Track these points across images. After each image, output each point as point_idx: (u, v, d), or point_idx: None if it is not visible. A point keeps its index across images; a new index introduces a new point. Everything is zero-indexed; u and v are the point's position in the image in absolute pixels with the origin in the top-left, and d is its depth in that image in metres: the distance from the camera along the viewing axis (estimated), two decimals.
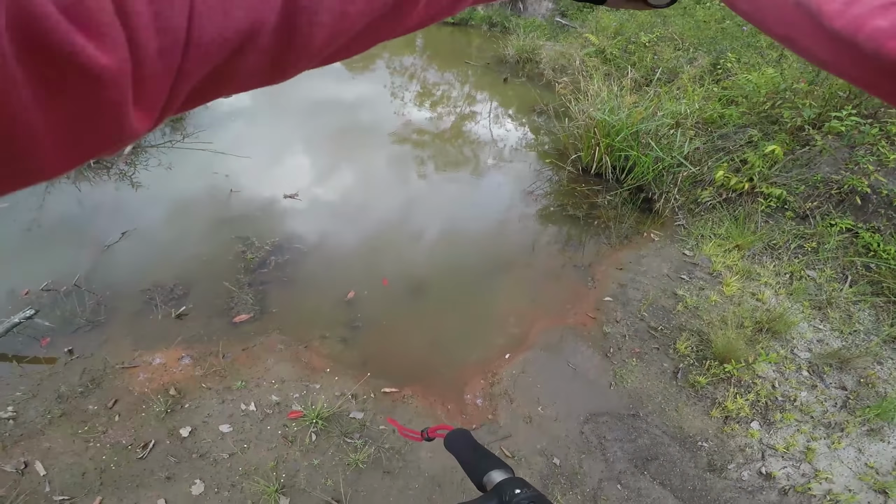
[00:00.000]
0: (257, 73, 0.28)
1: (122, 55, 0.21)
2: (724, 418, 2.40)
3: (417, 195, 4.04)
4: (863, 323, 2.91)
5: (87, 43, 0.19)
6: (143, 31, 0.21)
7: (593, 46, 6.61)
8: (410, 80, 7.84)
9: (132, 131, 0.24)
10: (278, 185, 3.75)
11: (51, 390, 2.15)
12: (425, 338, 2.63)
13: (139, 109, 0.23)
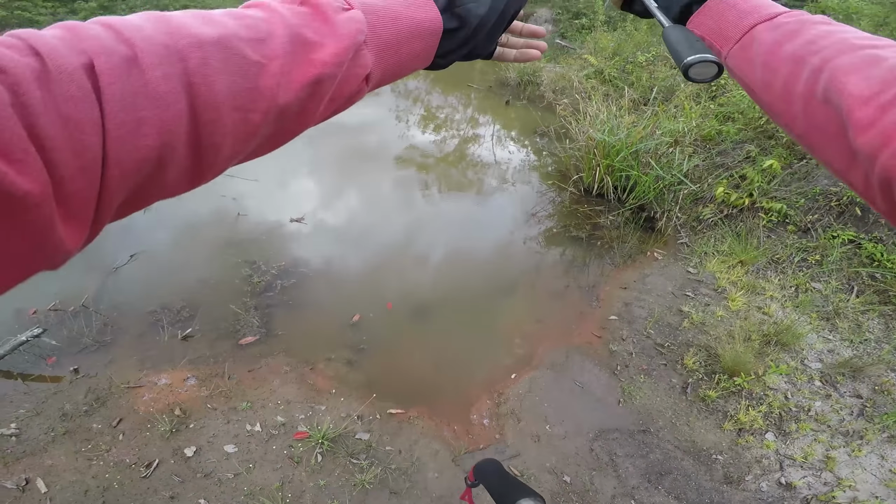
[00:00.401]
0: (180, 182, 0.31)
1: (41, 178, 0.22)
2: (738, 431, 2.40)
3: (421, 218, 4.12)
4: (872, 332, 2.92)
5: (8, 169, 0.21)
6: (58, 152, 0.23)
7: (592, 67, 6.79)
8: (415, 103, 8.03)
9: (63, 247, 0.25)
10: (284, 209, 3.83)
11: (55, 408, 2.19)
12: (431, 359, 2.66)
13: (68, 226, 0.25)
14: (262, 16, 0.34)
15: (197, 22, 0.31)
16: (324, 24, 0.37)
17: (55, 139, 0.23)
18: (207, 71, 0.29)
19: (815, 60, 0.38)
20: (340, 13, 0.38)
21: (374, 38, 0.41)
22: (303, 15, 0.37)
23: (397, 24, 0.43)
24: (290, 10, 0.36)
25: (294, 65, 0.34)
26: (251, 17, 0.33)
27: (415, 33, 0.44)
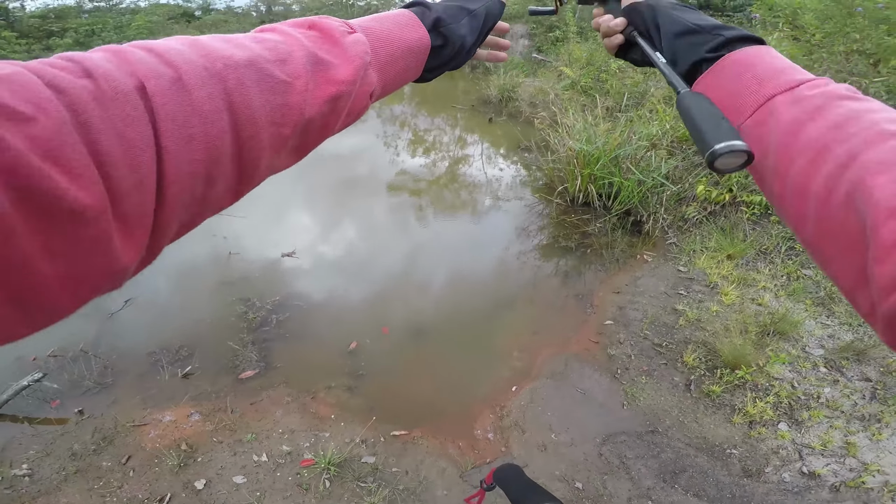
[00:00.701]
0: (226, 196, 0.34)
1: (100, 193, 0.23)
2: (749, 423, 2.42)
3: (412, 242, 4.20)
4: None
5: (70, 185, 0.22)
6: (115, 169, 0.24)
7: (568, 79, 6.98)
8: (402, 127, 8.20)
9: (121, 262, 0.26)
10: (276, 244, 3.91)
11: (64, 448, 2.23)
12: (431, 380, 2.70)
13: (126, 241, 0.26)
14: (279, 39, 0.38)
15: (227, 46, 0.34)
16: (334, 46, 0.41)
17: (113, 156, 0.24)
18: (244, 90, 0.32)
19: (840, 152, 0.33)
20: (346, 36, 0.42)
21: (375, 58, 0.45)
22: (314, 38, 0.40)
23: (393, 45, 0.47)
24: (303, 33, 0.40)
25: (315, 83, 0.38)
26: (271, 41, 0.37)
27: (407, 52, 0.49)
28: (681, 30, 0.50)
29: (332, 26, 0.42)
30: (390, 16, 0.50)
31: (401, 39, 0.48)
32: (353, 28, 0.44)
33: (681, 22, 0.51)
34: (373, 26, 0.47)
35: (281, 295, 3.29)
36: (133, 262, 0.27)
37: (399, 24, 0.49)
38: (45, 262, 0.22)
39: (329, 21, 0.43)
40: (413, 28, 0.50)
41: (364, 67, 0.42)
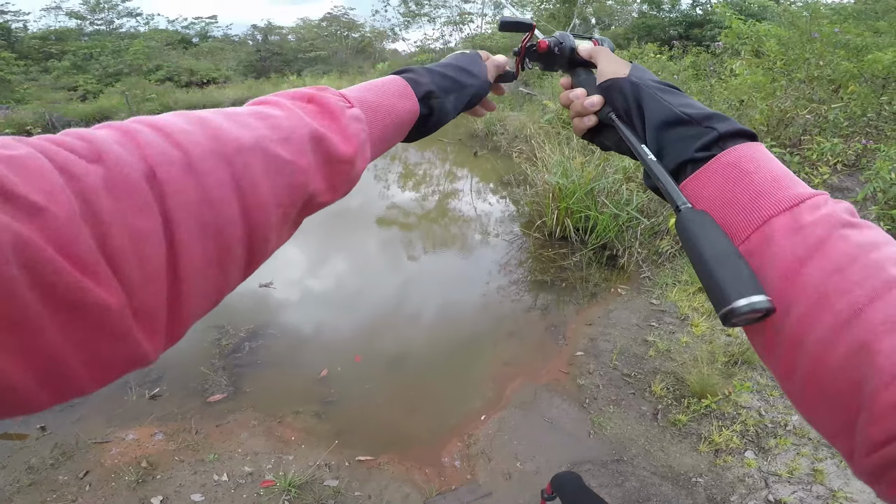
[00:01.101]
0: (238, 277, 0.35)
1: (114, 288, 0.24)
2: (715, 451, 2.45)
3: (389, 275, 4.34)
4: None
5: (89, 282, 0.22)
6: (126, 262, 0.24)
7: (552, 112, 7.23)
8: (392, 161, 8.37)
9: (143, 353, 0.27)
10: (254, 275, 3.98)
11: (20, 462, 2.27)
12: (401, 408, 2.75)
13: (146, 334, 0.26)
14: (281, 114, 0.38)
15: (231, 125, 0.34)
16: (333, 121, 0.42)
17: (123, 249, 0.24)
18: (252, 174, 0.32)
19: (842, 306, 0.30)
20: (346, 112, 0.43)
21: (371, 131, 0.47)
22: (314, 113, 0.41)
23: (387, 119, 0.49)
24: (302, 107, 0.41)
25: (318, 161, 0.39)
26: (273, 117, 0.37)
27: (399, 123, 0.52)
28: (668, 118, 0.46)
29: (330, 101, 0.43)
30: (385, 84, 0.52)
31: (394, 112, 0.50)
32: (351, 102, 0.46)
33: (668, 109, 0.46)
34: (368, 98, 0.48)
35: (255, 323, 3.39)
36: (155, 350, 0.28)
37: (393, 93, 0.51)
38: (72, 354, 0.23)
39: (328, 95, 0.44)
40: (406, 98, 0.52)
41: (363, 144, 0.44)
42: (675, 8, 15.84)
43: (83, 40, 18.85)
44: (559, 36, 0.66)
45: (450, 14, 19.27)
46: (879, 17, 6.81)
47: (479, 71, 0.63)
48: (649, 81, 0.51)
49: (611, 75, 0.54)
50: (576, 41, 0.65)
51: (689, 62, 7.29)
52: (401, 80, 0.54)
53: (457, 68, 0.61)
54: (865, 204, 3.40)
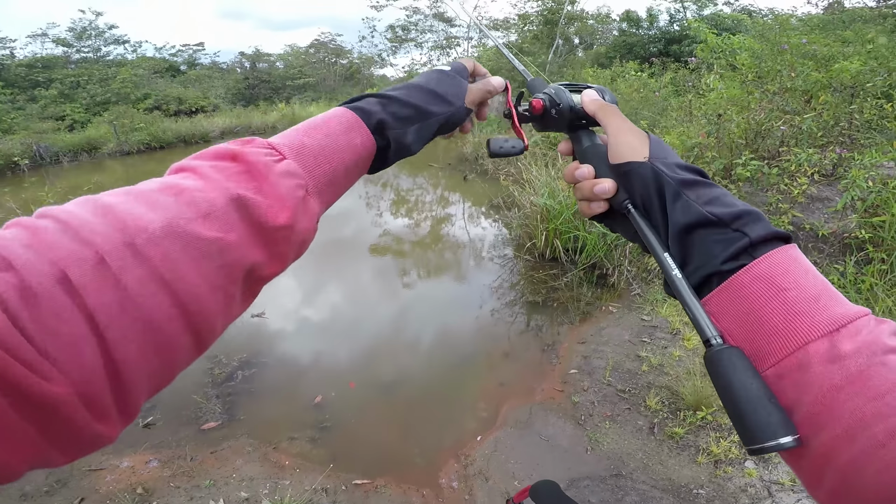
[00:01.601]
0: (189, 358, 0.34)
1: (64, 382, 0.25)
2: (714, 462, 2.46)
3: (381, 301, 4.39)
4: None
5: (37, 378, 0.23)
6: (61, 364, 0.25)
7: (539, 133, 7.40)
8: (384, 188, 8.46)
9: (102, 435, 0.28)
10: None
11: (15, 489, 2.28)
12: (397, 431, 2.77)
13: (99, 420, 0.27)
14: (197, 185, 0.35)
15: (139, 207, 0.31)
16: (262, 182, 0.38)
17: (53, 353, 0.25)
18: (174, 265, 0.30)
19: (878, 430, 0.30)
20: (274, 167, 0.39)
21: (314, 181, 0.42)
22: (237, 175, 0.37)
23: (333, 160, 0.44)
24: (224, 169, 0.37)
25: (249, 231, 0.36)
26: (188, 190, 0.34)
27: (351, 161, 0.46)
28: (694, 220, 0.41)
29: (256, 159, 0.39)
30: (328, 121, 0.47)
31: (342, 151, 0.45)
32: (282, 152, 0.41)
33: (694, 210, 0.42)
34: (306, 144, 0.43)
35: (248, 352, 3.43)
36: (112, 431, 0.28)
37: (338, 130, 0.46)
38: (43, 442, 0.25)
39: (253, 151, 0.40)
40: (355, 131, 0.47)
41: (299, 203, 0.40)
42: (653, 25, 16.33)
43: (70, 68, 18.87)
44: (553, 92, 0.59)
45: (436, 38, 19.69)
46: (846, 27, 7.08)
47: (453, 94, 0.56)
48: (674, 167, 0.45)
49: (627, 156, 0.48)
50: (573, 95, 0.58)
51: (668, 79, 7.53)
52: (347, 112, 0.48)
53: (425, 92, 0.54)
54: (846, 213, 3.52)
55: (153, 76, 19.08)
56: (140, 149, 13.01)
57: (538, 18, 17.11)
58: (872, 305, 3.00)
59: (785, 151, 3.92)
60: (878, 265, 3.13)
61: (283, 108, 18.00)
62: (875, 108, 4.11)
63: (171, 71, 22.19)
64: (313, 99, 20.55)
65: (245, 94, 22.27)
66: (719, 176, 4.07)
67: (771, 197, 3.75)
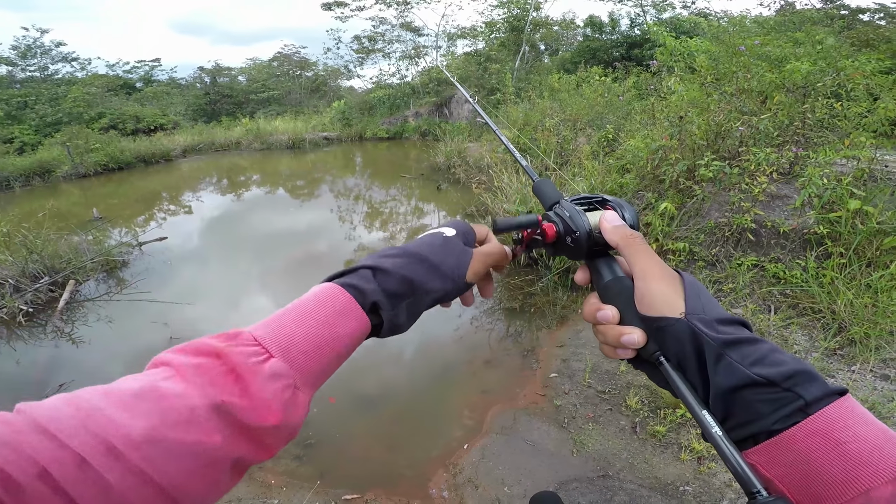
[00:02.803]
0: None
1: None
2: (697, 459, 2.54)
3: None
4: (799, 343, 3.18)
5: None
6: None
7: (509, 140, 7.55)
8: (357, 201, 8.47)
9: None
10: (219, 327, 4.05)
11: None
12: (382, 444, 2.82)
13: None
14: (177, 390, 0.35)
15: (119, 412, 0.32)
16: (247, 385, 0.38)
17: None
18: (157, 465, 0.31)
19: None
20: (259, 370, 0.39)
21: (303, 375, 0.41)
22: (221, 377, 0.37)
23: (325, 352, 0.43)
24: (206, 372, 0.37)
25: (232, 432, 0.36)
26: (167, 397, 0.34)
27: (343, 350, 0.45)
28: (740, 383, 0.39)
29: (240, 360, 0.38)
30: (320, 306, 0.45)
31: (335, 342, 0.44)
32: (269, 349, 0.40)
33: (739, 373, 0.39)
34: (297, 337, 0.42)
35: None
36: None
37: (330, 318, 0.45)
38: None
39: (238, 350, 0.39)
40: (349, 316, 0.46)
41: (287, 402, 0.39)
42: (615, 30, 16.88)
43: (15, 87, 18.24)
44: (567, 216, 0.54)
45: (405, 48, 19.85)
46: (797, 28, 7.48)
47: (452, 268, 0.53)
48: (713, 324, 0.42)
49: (661, 309, 0.44)
50: (589, 216, 0.53)
51: (631, 83, 7.82)
52: (341, 293, 0.46)
53: (424, 263, 0.51)
54: (804, 209, 3.75)
55: (107, 94, 18.59)
56: (97, 170, 12.63)
57: (504, 25, 17.48)
58: (834, 299, 3.20)
59: (744, 151, 4.12)
60: (837, 259, 3.34)
61: (248, 123, 17.79)
62: (826, 108, 4.38)
63: (127, 88, 21.68)
64: (278, 113, 20.40)
65: (206, 109, 21.93)
66: (683, 177, 4.26)
67: (733, 196, 3.93)
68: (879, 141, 3.99)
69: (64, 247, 5.59)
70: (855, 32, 8.01)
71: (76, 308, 4.74)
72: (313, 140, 16.38)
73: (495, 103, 11.86)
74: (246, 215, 8.50)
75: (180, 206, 9.34)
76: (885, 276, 3.12)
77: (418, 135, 15.63)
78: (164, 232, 6.99)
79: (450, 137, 10.25)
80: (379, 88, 19.04)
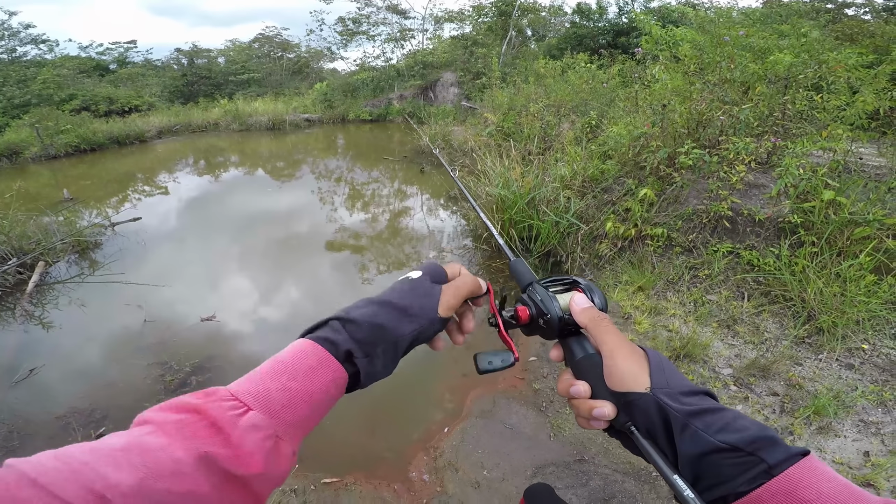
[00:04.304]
0: None
1: None
2: None
3: (338, 296, 4.42)
4: (770, 331, 3.24)
5: None
6: None
7: (493, 125, 7.54)
8: (338, 183, 8.40)
9: None
10: (195, 309, 4.01)
11: None
12: (361, 428, 2.84)
13: None
14: (161, 444, 0.36)
15: (106, 467, 0.33)
16: (228, 436, 0.39)
17: None
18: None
19: None
20: (238, 422, 0.40)
21: (283, 426, 0.43)
22: (202, 430, 0.38)
23: (302, 404, 0.45)
24: (187, 426, 0.38)
25: (219, 480, 0.37)
26: (152, 451, 0.35)
27: (321, 401, 0.47)
28: (706, 450, 0.43)
29: (219, 414, 0.40)
30: (295, 361, 0.47)
31: (312, 393, 0.46)
32: (247, 403, 0.42)
33: (704, 441, 0.43)
34: (272, 392, 0.44)
35: (200, 357, 3.44)
36: None
37: (306, 372, 0.46)
38: None
39: (216, 406, 0.41)
40: (324, 367, 0.47)
41: (270, 451, 0.41)
42: (602, 17, 16.88)
43: None
44: (539, 300, 0.59)
45: (390, 31, 19.58)
46: (783, 21, 7.57)
47: (421, 307, 0.55)
48: (678, 396, 0.46)
49: (628, 384, 0.48)
50: (560, 299, 0.58)
51: (616, 70, 7.85)
52: (314, 347, 0.48)
53: (390, 308, 0.53)
54: (780, 198, 3.83)
55: (79, 76, 18.12)
56: (68, 152, 12.33)
57: (492, 10, 17.35)
58: (805, 287, 3.29)
59: (724, 140, 4.18)
60: (809, 248, 3.43)
61: (226, 104, 17.44)
62: (806, 100, 4.46)
63: (100, 70, 21.09)
64: (258, 94, 20.04)
65: (183, 91, 21.42)
66: (664, 164, 4.33)
67: (711, 184, 4.00)
68: (856, 134, 4.08)
69: (33, 228, 5.46)
70: (840, 26, 8.13)
71: (46, 291, 4.63)
72: (294, 121, 16.18)
73: (481, 87, 11.81)
74: (224, 196, 8.38)
75: (155, 186, 9.16)
76: (854, 266, 3.21)
77: (402, 117, 15.52)
78: (138, 213, 6.87)
79: (434, 121, 10.20)
80: (363, 71, 18.80)
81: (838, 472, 2.26)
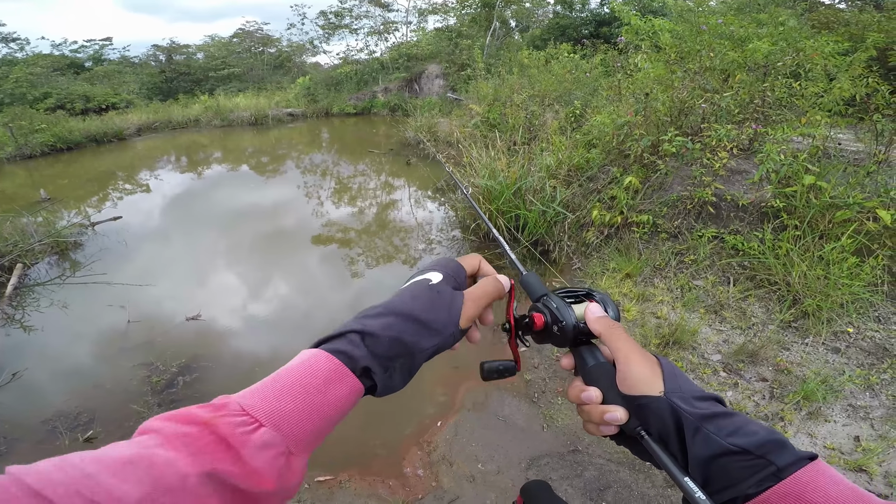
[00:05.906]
0: None
1: None
2: None
3: (325, 293, 4.37)
4: (756, 315, 3.24)
5: None
6: None
7: (478, 116, 7.49)
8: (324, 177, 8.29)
9: None
10: (181, 309, 3.93)
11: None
12: (353, 424, 2.79)
13: None
14: (168, 458, 0.35)
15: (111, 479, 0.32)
16: (237, 454, 0.37)
17: None
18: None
19: None
20: (249, 440, 0.38)
21: (295, 442, 0.41)
22: (210, 446, 0.37)
23: (315, 420, 0.43)
24: (194, 441, 0.37)
25: (226, 497, 0.36)
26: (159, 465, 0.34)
27: (335, 416, 0.45)
28: (717, 453, 0.44)
29: (229, 431, 0.38)
30: (309, 375, 0.45)
31: (326, 408, 0.44)
32: (258, 418, 0.40)
33: (715, 444, 0.44)
34: (286, 408, 0.42)
35: (186, 357, 3.36)
36: None
37: (320, 386, 0.44)
38: None
39: (226, 420, 0.39)
40: (340, 381, 0.45)
41: (281, 469, 0.39)
42: (584, 7, 16.85)
43: None
44: (555, 307, 0.58)
45: (373, 24, 19.28)
46: (761, 10, 7.62)
47: (444, 323, 0.53)
48: (691, 400, 0.47)
49: (641, 388, 0.49)
50: (575, 308, 0.58)
51: (598, 60, 7.84)
52: (330, 360, 0.46)
53: (413, 321, 0.51)
54: (762, 184, 3.85)
55: (53, 74, 17.61)
56: (44, 151, 12.00)
57: (476, 1, 17.18)
58: (789, 270, 3.31)
59: (706, 128, 4.20)
60: (792, 231, 3.46)
61: (206, 101, 17.07)
62: (785, 87, 4.49)
63: (75, 68, 20.49)
64: (240, 89, 19.67)
65: (162, 87, 20.93)
66: (648, 152, 4.33)
67: (695, 170, 4.02)
68: (834, 120, 4.11)
69: (9, 229, 5.29)
70: (816, 15, 8.20)
71: (26, 293, 4.49)
72: (277, 116, 15.92)
73: (466, 79, 11.74)
74: (207, 192, 8.22)
75: (136, 184, 8.93)
76: (836, 249, 3.24)
77: (387, 110, 15.35)
78: (118, 212, 6.69)
79: (420, 113, 10.10)
80: (346, 64, 18.50)
81: (830, 458, 2.25)
